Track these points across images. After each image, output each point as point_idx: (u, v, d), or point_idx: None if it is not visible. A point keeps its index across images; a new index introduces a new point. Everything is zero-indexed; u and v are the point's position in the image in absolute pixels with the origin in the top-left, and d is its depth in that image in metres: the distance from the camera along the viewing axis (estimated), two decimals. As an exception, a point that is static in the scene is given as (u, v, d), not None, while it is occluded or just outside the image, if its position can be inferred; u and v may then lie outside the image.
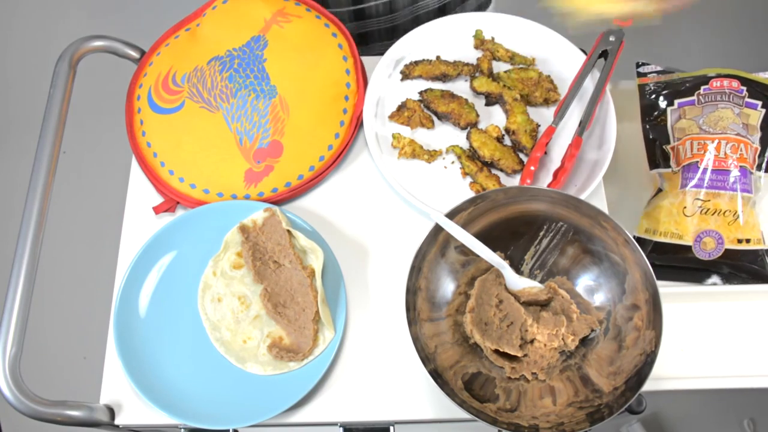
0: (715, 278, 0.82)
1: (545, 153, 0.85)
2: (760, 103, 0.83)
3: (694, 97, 0.85)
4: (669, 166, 0.84)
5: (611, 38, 0.87)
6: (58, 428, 0.78)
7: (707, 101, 0.84)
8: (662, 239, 0.81)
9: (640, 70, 0.90)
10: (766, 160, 0.83)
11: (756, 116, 0.83)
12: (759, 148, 0.83)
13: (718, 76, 0.85)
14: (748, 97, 0.84)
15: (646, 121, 0.88)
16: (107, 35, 0.89)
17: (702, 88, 0.85)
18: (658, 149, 0.86)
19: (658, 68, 0.89)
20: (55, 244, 1.77)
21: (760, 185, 0.83)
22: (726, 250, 0.80)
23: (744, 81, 0.85)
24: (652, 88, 0.88)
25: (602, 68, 0.86)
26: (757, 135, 0.83)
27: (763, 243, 0.80)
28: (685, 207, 0.81)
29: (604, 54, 0.87)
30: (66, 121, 0.82)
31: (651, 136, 0.87)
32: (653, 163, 0.86)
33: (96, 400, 0.74)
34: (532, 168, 0.82)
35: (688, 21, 2.10)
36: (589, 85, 0.88)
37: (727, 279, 0.82)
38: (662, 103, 0.87)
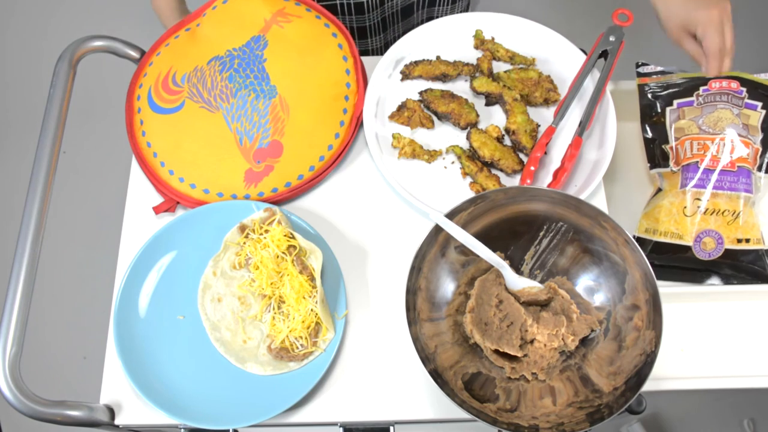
0: (714, 279, 0.82)
1: (545, 153, 0.85)
2: (760, 104, 0.83)
3: (693, 98, 0.85)
4: (668, 166, 0.84)
5: (611, 38, 0.87)
6: (58, 428, 0.78)
7: (706, 102, 0.84)
8: (662, 239, 0.81)
9: (640, 70, 0.90)
10: (766, 161, 0.83)
11: (756, 117, 0.83)
12: (760, 149, 0.82)
13: (717, 77, 0.85)
14: (748, 98, 0.84)
15: (645, 121, 0.88)
16: (107, 35, 0.89)
17: (701, 88, 0.85)
18: (657, 149, 0.86)
19: (658, 68, 0.89)
20: (55, 244, 1.77)
21: (760, 185, 0.83)
22: (726, 250, 0.80)
23: (744, 82, 0.85)
24: (652, 88, 0.88)
25: (602, 68, 0.86)
26: (759, 136, 0.83)
27: (763, 243, 0.80)
28: (685, 207, 0.81)
29: (604, 54, 0.87)
30: (66, 121, 0.82)
31: (650, 136, 0.87)
32: (653, 163, 0.87)
33: (96, 400, 0.74)
34: (532, 168, 0.82)
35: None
36: (589, 85, 0.88)
37: (727, 280, 0.82)
38: (661, 103, 0.87)
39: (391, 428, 0.74)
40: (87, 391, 1.54)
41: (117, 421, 0.73)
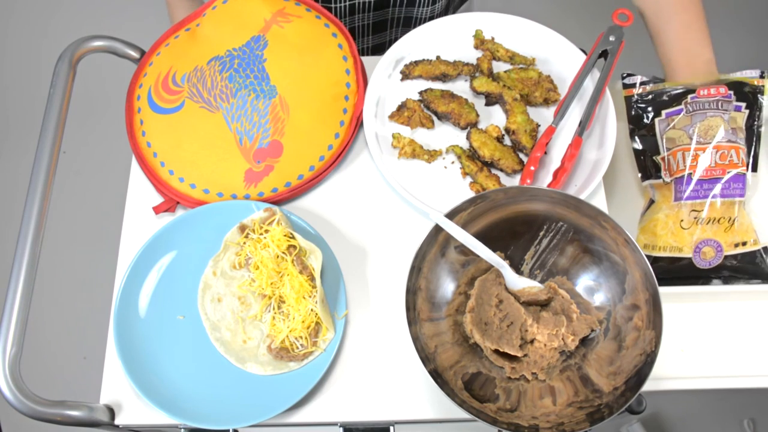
0: (716, 282, 0.82)
1: (545, 153, 0.85)
2: (744, 104, 0.83)
3: (682, 106, 0.84)
4: (660, 177, 0.84)
5: (611, 38, 0.87)
6: (58, 428, 0.78)
7: (695, 110, 0.83)
8: (662, 254, 0.81)
9: (626, 81, 0.88)
10: (752, 159, 0.83)
11: (741, 117, 0.82)
12: (745, 148, 0.82)
13: (704, 84, 0.84)
14: (737, 100, 0.83)
15: (634, 133, 0.87)
16: (107, 35, 0.89)
17: (689, 96, 0.84)
18: (648, 160, 0.86)
19: (644, 78, 0.88)
20: (55, 243, 1.78)
21: (749, 184, 0.82)
22: (725, 256, 0.79)
23: (731, 85, 0.83)
24: (639, 99, 0.87)
25: (602, 68, 0.86)
26: (743, 135, 0.82)
27: (759, 243, 0.80)
28: (681, 220, 0.81)
29: (604, 54, 0.87)
30: (66, 121, 0.82)
31: (640, 147, 0.86)
32: (644, 174, 0.86)
33: (96, 400, 0.74)
34: (532, 168, 0.82)
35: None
36: (589, 85, 0.88)
37: (728, 281, 0.81)
38: (649, 114, 0.86)
39: (391, 428, 0.74)
40: (87, 391, 1.54)
41: (117, 421, 0.73)
